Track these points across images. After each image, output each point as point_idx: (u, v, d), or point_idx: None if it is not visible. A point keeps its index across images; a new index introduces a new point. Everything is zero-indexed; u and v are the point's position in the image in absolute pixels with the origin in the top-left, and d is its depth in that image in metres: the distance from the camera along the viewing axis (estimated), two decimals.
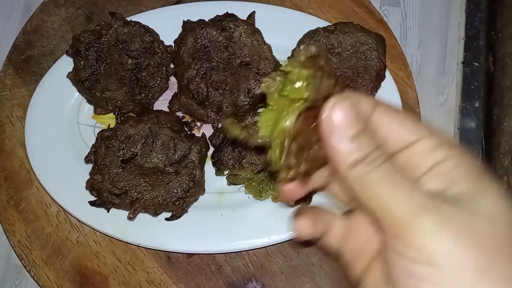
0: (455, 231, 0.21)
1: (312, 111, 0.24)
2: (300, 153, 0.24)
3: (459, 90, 0.57)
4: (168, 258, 0.47)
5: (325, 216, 0.28)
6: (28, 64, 0.54)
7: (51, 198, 0.47)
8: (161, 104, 0.51)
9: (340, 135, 0.23)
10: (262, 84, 0.23)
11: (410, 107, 0.52)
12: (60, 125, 0.49)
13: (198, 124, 0.50)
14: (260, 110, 0.24)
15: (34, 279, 0.47)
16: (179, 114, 0.50)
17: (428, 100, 0.56)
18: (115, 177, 0.43)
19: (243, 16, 0.50)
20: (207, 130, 0.50)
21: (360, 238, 0.27)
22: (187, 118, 0.50)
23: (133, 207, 0.43)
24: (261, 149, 0.25)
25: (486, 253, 0.22)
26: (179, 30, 0.49)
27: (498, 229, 0.22)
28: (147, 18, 0.51)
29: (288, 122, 0.23)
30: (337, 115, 0.23)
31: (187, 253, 0.47)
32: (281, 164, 0.24)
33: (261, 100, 0.23)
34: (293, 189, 0.26)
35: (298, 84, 0.23)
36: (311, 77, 0.23)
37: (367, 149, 0.23)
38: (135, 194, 0.43)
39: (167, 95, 0.51)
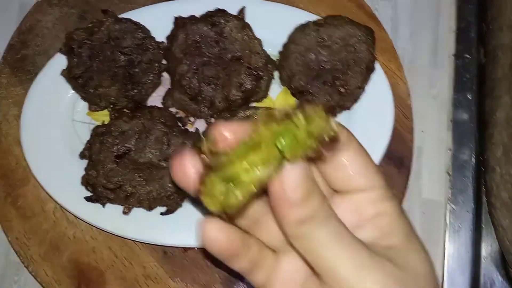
0: (394, 285, 0.22)
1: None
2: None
3: (451, 82, 0.58)
4: (164, 252, 0.48)
5: (251, 241, 0.26)
6: (23, 63, 0.55)
7: (48, 194, 0.48)
8: (155, 100, 0.51)
9: (288, 194, 0.22)
10: (261, 116, 0.21)
11: (401, 99, 0.52)
12: (56, 122, 0.50)
13: (192, 119, 0.51)
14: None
15: (32, 275, 0.48)
16: (173, 109, 0.50)
17: (421, 92, 0.57)
18: (109, 172, 0.44)
19: (233, 11, 0.50)
20: (200, 125, 0.50)
21: (288, 276, 0.26)
22: (181, 114, 0.51)
23: (128, 202, 0.44)
24: None
25: None
26: (171, 26, 0.50)
27: (422, 285, 0.24)
28: (139, 15, 0.51)
29: (262, 173, 0.21)
30: (294, 176, 0.22)
31: (183, 248, 0.48)
32: (218, 193, 0.22)
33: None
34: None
35: (299, 145, 0.21)
36: (313, 140, 0.21)
37: (315, 206, 0.23)
38: (130, 188, 0.44)
39: (161, 91, 0.51)
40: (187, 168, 0.23)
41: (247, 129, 0.22)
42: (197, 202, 0.39)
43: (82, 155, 0.46)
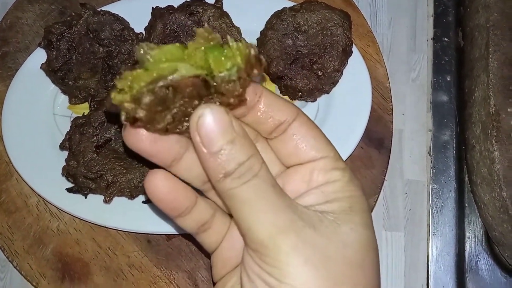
0: (307, 257, 0.22)
1: (201, 87, 0.23)
2: (155, 103, 0.22)
3: (430, 65, 0.58)
4: (148, 241, 0.48)
5: (191, 194, 0.26)
6: (4, 60, 0.55)
7: (31, 188, 0.48)
8: None
9: (210, 144, 0.22)
10: (201, 29, 0.22)
11: (380, 81, 0.53)
12: (37, 117, 0.50)
13: None
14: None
15: (17, 269, 0.48)
16: None
17: (400, 77, 0.57)
18: (89, 162, 0.44)
19: (211, 0, 0.50)
20: None
21: (233, 246, 0.27)
22: None
23: (109, 191, 0.44)
24: (113, 116, 0.22)
25: (332, 278, 0.22)
26: (149, 17, 0.50)
27: (348, 255, 0.23)
28: (118, 8, 0.52)
29: (182, 71, 0.22)
30: (207, 122, 0.22)
31: (167, 236, 0.48)
32: (134, 89, 0.21)
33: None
34: (142, 134, 0.23)
35: (225, 61, 0.22)
36: (237, 68, 0.22)
37: (238, 160, 0.22)
38: (110, 177, 0.44)
39: None
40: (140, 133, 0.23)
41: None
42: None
43: (62, 146, 0.46)
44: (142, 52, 0.22)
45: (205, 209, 0.26)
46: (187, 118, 0.23)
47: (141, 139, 0.23)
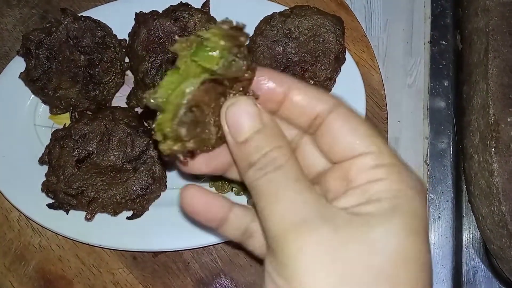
0: (319, 256, 0.20)
1: (216, 87, 0.23)
2: (193, 127, 0.23)
3: (427, 70, 0.56)
4: (134, 258, 0.46)
5: (221, 202, 0.27)
6: None
7: (10, 203, 0.46)
8: (120, 100, 0.49)
9: (237, 134, 0.23)
10: (176, 44, 0.22)
11: (374, 89, 0.51)
12: (17, 128, 0.48)
13: None
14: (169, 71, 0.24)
15: None
16: (138, 109, 0.49)
17: (396, 82, 0.55)
18: (70, 177, 0.42)
19: (197, 4, 0.48)
20: None
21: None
22: None
23: (90, 208, 0.42)
24: (150, 114, 0.24)
25: (343, 285, 0.20)
26: (133, 23, 0.48)
27: (376, 264, 0.20)
28: (101, 13, 0.49)
29: (189, 88, 0.22)
30: (233, 111, 0.23)
31: (153, 252, 0.46)
32: (169, 132, 0.22)
33: (172, 62, 0.22)
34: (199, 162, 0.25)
35: (212, 53, 0.22)
36: (226, 50, 0.22)
37: (261, 151, 0.22)
38: (92, 193, 0.42)
39: (125, 91, 0.49)
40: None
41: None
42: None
43: (41, 161, 0.44)
44: (152, 101, 0.23)
45: (242, 215, 0.26)
46: None
47: (200, 169, 0.25)
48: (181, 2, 0.48)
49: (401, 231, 0.20)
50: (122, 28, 0.48)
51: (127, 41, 0.48)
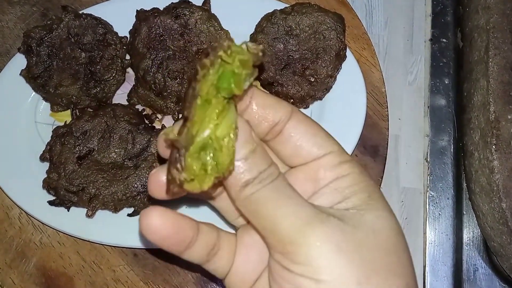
0: (338, 244, 0.22)
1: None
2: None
3: (428, 68, 0.56)
4: (135, 255, 0.46)
5: (190, 226, 0.25)
6: None
7: (11, 200, 0.46)
8: (121, 97, 0.49)
9: (237, 155, 0.23)
10: (200, 69, 0.22)
11: (375, 86, 0.51)
12: (18, 125, 0.48)
13: (160, 116, 0.49)
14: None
15: None
16: (139, 107, 0.49)
17: (397, 79, 0.55)
18: (71, 174, 0.42)
19: (198, 2, 0.48)
20: (168, 122, 0.49)
21: (249, 258, 0.26)
22: (148, 111, 0.49)
23: (91, 204, 0.42)
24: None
25: (367, 266, 0.22)
26: (134, 20, 0.48)
27: (380, 241, 0.23)
28: (102, 10, 0.49)
29: (208, 131, 0.22)
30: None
31: (154, 249, 0.46)
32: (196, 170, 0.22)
33: (194, 76, 0.22)
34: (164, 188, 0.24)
35: (232, 83, 0.22)
36: (249, 75, 0.22)
37: (259, 168, 0.23)
38: (93, 190, 0.42)
39: (126, 88, 0.49)
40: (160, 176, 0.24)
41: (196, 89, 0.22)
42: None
43: (42, 158, 0.44)
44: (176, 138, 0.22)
45: (209, 232, 0.26)
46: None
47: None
48: None
49: (385, 212, 0.24)
50: (123, 25, 0.48)
51: (128, 39, 0.48)
